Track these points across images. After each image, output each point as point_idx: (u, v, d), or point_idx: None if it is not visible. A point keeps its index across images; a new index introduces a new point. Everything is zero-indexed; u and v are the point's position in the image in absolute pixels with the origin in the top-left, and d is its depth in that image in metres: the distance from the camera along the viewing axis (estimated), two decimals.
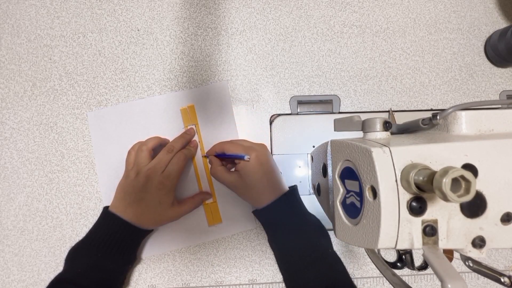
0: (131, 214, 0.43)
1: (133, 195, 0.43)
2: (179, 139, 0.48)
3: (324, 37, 0.52)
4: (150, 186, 0.43)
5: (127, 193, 0.44)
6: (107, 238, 0.42)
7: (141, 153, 0.45)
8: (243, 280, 0.48)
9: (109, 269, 0.42)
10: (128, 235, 0.43)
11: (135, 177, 0.44)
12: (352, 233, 0.27)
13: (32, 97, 0.50)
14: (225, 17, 0.52)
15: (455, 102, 0.52)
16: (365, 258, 0.49)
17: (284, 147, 0.50)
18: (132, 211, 0.43)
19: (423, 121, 0.28)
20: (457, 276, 0.20)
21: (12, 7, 0.51)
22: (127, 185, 0.44)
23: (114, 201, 0.45)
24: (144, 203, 0.43)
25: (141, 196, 0.43)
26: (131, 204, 0.43)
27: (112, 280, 0.43)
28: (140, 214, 0.43)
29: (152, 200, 0.43)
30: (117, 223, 0.43)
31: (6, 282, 0.47)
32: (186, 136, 0.48)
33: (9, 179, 0.48)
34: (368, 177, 0.24)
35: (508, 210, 0.23)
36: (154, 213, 0.44)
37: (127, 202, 0.43)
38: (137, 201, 0.43)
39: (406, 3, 0.54)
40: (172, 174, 0.44)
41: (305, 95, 0.51)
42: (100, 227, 0.44)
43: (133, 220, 0.43)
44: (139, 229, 0.44)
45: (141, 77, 0.51)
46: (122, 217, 0.43)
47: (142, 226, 0.44)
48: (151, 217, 0.44)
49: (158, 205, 0.44)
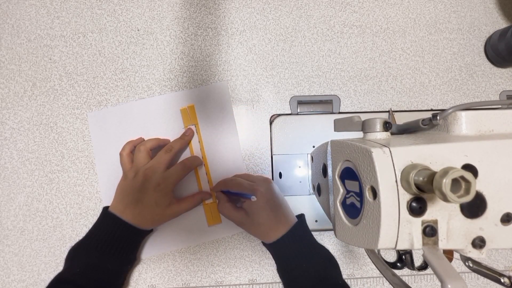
0: (130, 214, 0.43)
1: (131, 195, 0.43)
2: (178, 140, 0.48)
3: (324, 37, 0.52)
4: (148, 186, 0.43)
5: (126, 193, 0.44)
6: (106, 238, 0.42)
7: (139, 154, 0.45)
8: (243, 280, 0.48)
9: (108, 270, 0.42)
10: (126, 236, 0.43)
11: (134, 177, 0.44)
12: (352, 233, 0.27)
13: (32, 97, 0.50)
14: (225, 17, 0.52)
15: (455, 102, 0.52)
16: (365, 258, 0.49)
17: (284, 147, 0.50)
18: (130, 211, 0.43)
19: (423, 121, 0.28)
20: (457, 276, 0.20)
21: (12, 7, 0.51)
22: (126, 186, 0.44)
23: (114, 202, 0.45)
24: (142, 204, 0.43)
25: (139, 197, 0.43)
26: (129, 204, 0.43)
27: (112, 280, 0.43)
28: (138, 215, 0.43)
29: (149, 201, 0.43)
30: (116, 223, 0.43)
31: (6, 282, 0.47)
32: (185, 137, 0.48)
33: (9, 179, 0.48)
34: (368, 177, 0.24)
35: (508, 210, 0.23)
36: (151, 214, 0.44)
37: (126, 202, 0.43)
38: (135, 201, 0.43)
39: (406, 3, 0.54)
40: (172, 178, 0.44)
41: (305, 95, 0.51)
42: (100, 228, 0.44)
43: (131, 220, 0.43)
44: (137, 229, 0.44)
45: (141, 77, 0.51)
46: (121, 217, 0.43)
47: (141, 227, 0.44)
48: (149, 217, 0.44)
49: (155, 206, 0.44)
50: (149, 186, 0.43)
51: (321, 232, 0.49)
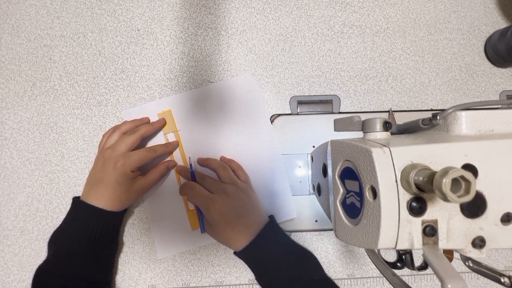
0: (93, 196, 0.42)
1: (94, 177, 0.43)
2: (145, 124, 0.47)
3: (324, 37, 0.52)
4: (107, 164, 0.42)
5: (90, 176, 0.44)
6: (72, 223, 0.42)
7: (111, 135, 0.45)
8: (243, 280, 0.48)
9: (81, 254, 0.41)
10: (93, 219, 0.42)
11: (98, 158, 0.44)
12: (352, 233, 0.27)
13: (32, 97, 0.50)
14: (225, 17, 0.52)
15: (455, 102, 0.52)
16: (365, 258, 0.49)
17: (284, 147, 0.50)
18: (93, 193, 0.42)
19: (423, 121, 0.28)
20: (457, 276, 0.20)
21: (12, 7, 0.51)
22: (91, 169, 0.44)
23: (83, 189, 0.44)
24: (103, 184, 0.42)
25: (100, 176, 0.42)
26: (93, 186, 0.42)
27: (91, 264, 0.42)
28: (101, 196, 0.42)
29: (110, 179, 0.42)
30: (80, 208, 0.42)
31: (6, 282, 0.47)
32: (155, 124, 0.48)
33: (9, 179, 0.48)
34: (368, 177, 0.24)
35: (508, 210, 0.23)
36: (115, 193, 0.42)
37: (90, 185, 0.43)
38: (97, 182, 0.42)
39: (406, 3, 0.54)
40: (131, 158, 0.43)
41: (305, 95, 0.51)
42: (69, 216, 0.44)
43: (96, 202, 0.42)
44: (105, 211, 0.42)
45: (141, 77, 0.51)
46: (85, 201, 0.42)
47: (108, 208, 0.42)
48: (113, 197, 0.42)
49: (118, 185, 0.42)
50: (109, 164, 0.42)
51: (321, 232, 0.49)
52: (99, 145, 0.46)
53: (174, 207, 0.48)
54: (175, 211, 0.48)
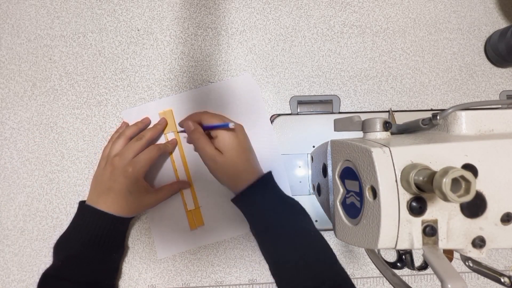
0: (103, 203, 0.42)
1: (102, 184, 0.43)
2: (151, 128, 0.47)
3: (324, 37, 0.52)
4: (116, 173, 0.42)
5: (98, 182, 0.44)
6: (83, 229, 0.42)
7: (117, 142, 0.44)
8: (243, 280, 0.48)
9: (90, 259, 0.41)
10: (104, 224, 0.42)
11: (104, 166, 0.43)
12: (352, 233, 0.27)
13: (32, 97, 0.50)
14: (225, 17, 0.52)
15: (455, 102, 0.52)
16: (365, 258, 0.49)
17: (284, 147, 0.50)
18: (103, 200, 0.42)
19: (423, 121, 0.28)
20: (457, 276, 0.20)
21: (12, 7, 0.51)
22: (97, 175, 0.44)
23: (89, 194, 0.44)
24: (113, 192, 0.42)
25: (110, 185, 0.42)
26: (101, 194, 0.43)
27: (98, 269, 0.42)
28: (111, 203, 0.42)
29: (121, 188, 0.42)
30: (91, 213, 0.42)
31: (6, 282, 0.47)
32: (158, 126, 0.48)
33: (9, 179, 0.48)
34: (368, 177, 0.24)
35: (508, 210, 0.23)
36: (126, 201, 0.43)
37: (98, 192, 0.43)
38: (107, 190, 0.42)
39: (406, 3, 0.54)
40: (140, 163, 0.43)
41: (305, 95, 0.51)
42: (77, 220, 0.43)
43: (106, 209, 0.42)
44: (115, 216, 0.42)
45: (141, 77, 0.51)
46: (96, 207, 0.42)
47: (119, 214, 0.43)
48: (124, 205, 0.43)
49: (129, 194, 0.42)
50: (118, 173, 0.42)
51: (321, 232, 0.49)
52: (104, 151, 0.46)
53: (174, 207, 0.48)
54: (175, 211, 0.48)
